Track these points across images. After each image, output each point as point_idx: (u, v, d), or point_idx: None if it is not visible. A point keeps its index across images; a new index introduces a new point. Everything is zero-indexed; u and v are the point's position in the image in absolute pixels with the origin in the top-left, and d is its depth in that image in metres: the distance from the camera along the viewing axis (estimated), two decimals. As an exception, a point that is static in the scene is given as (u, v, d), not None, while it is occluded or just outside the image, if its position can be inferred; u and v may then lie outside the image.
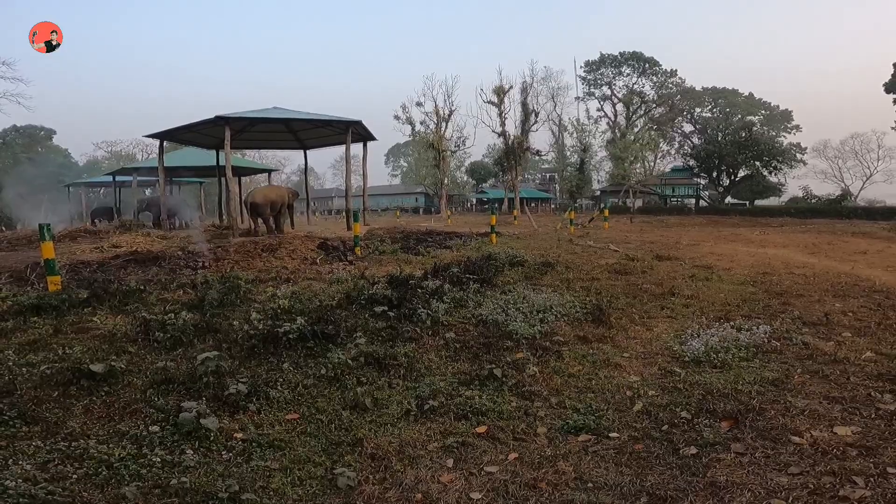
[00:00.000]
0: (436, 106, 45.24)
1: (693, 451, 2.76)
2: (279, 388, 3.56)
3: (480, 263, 8.22)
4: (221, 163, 18.05)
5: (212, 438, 2.86)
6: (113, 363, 3.72)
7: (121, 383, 3.59)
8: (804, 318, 5.48)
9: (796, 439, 2.84)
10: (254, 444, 2.87)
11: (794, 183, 54.29)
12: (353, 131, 16.59)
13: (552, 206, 58.43)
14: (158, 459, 2.64)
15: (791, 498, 2.30)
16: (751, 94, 55.39)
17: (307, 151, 22.02)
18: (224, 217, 21.05)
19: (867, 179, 55.12)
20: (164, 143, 17.82)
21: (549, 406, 3.41)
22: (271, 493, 2.45)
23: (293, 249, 10.38)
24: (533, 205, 52.23)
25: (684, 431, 3.00)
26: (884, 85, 38.54)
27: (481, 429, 3.09)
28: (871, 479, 2.41)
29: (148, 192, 38.67)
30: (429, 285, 6.24)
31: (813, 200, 45.25)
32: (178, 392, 3.43)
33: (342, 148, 17.97)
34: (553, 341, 4.67)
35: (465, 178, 66.50)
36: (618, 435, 2.99)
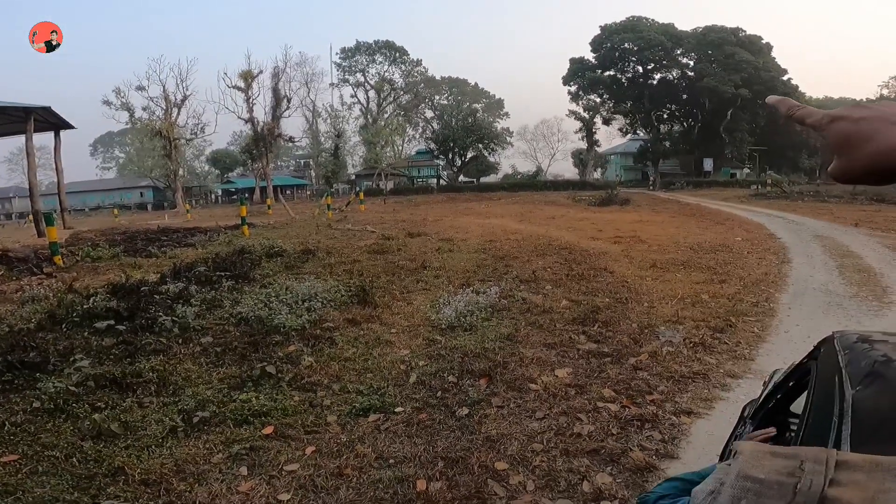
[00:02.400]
0: (164, 90, 40.29)
1: (465, 411, 3.16)
2: (-28, 432, 2.80)
3: (233, 258, 7.66)
4: None
5: None
6: None
7: None
8: (520, 276, 6.79)
9: (533, 386, 3.48)
10: (-38, 496, 2.23)
11: (506, 162, 66.32)
12: (37, 119, 12.76)
13: (308, 192, 57.05)
14: None
15: (545, 440, 2.82)
16: (476, 84, 64.14)
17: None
18: None
19: (552, 157, 70.50)
20: None
21: (334, 393, 3.43)
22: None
23: (-53, 267, 7.57)
24: (288, 192, 50.28)
25: (455, 394, 3.40)
26: (562, 78, 49.13)
27: (268, 430, 2.94)
28: (590, 415, 3.09)
29: None
30: (169, 289, 5.57)
31: (518, 176, 56.35)
32: None
33: (22, 138, 13.54)
34: (324, 328, 4.68)
35: (207, 168, 59.43)
36: (402, 409, 3.21)
